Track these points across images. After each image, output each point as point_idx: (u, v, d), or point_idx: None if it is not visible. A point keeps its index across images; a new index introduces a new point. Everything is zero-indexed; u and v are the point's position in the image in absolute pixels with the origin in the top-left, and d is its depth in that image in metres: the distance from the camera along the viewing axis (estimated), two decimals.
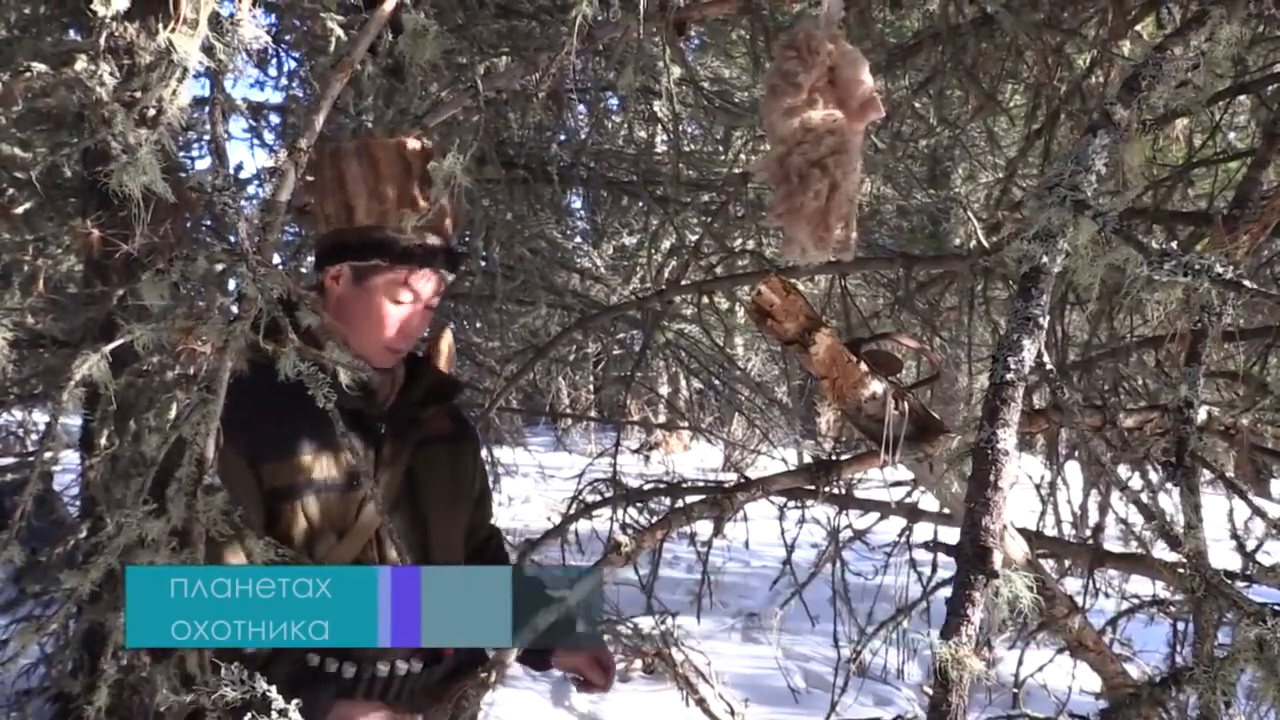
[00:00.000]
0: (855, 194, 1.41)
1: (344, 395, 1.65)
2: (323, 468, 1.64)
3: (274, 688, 0.94)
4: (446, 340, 2.15)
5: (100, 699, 1.08)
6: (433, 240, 1.66)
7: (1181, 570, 1.09)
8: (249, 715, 0.91)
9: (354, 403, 1.66)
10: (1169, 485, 1.23)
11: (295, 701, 0.94)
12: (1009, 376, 0.95)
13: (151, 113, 0.93)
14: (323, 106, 1.19)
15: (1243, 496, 1.66)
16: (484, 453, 2.06)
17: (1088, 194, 0.94)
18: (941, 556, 2.30)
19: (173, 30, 0.87)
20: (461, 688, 1.37)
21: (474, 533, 1.92)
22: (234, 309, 1.15)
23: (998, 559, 0.88)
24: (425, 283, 1.67)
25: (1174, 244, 2.46)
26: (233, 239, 1.05)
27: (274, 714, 0.89)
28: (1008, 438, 0.94)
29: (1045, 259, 0.96)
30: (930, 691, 0.97)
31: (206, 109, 1.16)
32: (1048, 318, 1.02)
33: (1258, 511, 1.48)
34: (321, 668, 1.62)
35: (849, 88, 1.44)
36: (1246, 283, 0.80)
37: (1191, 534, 1.09)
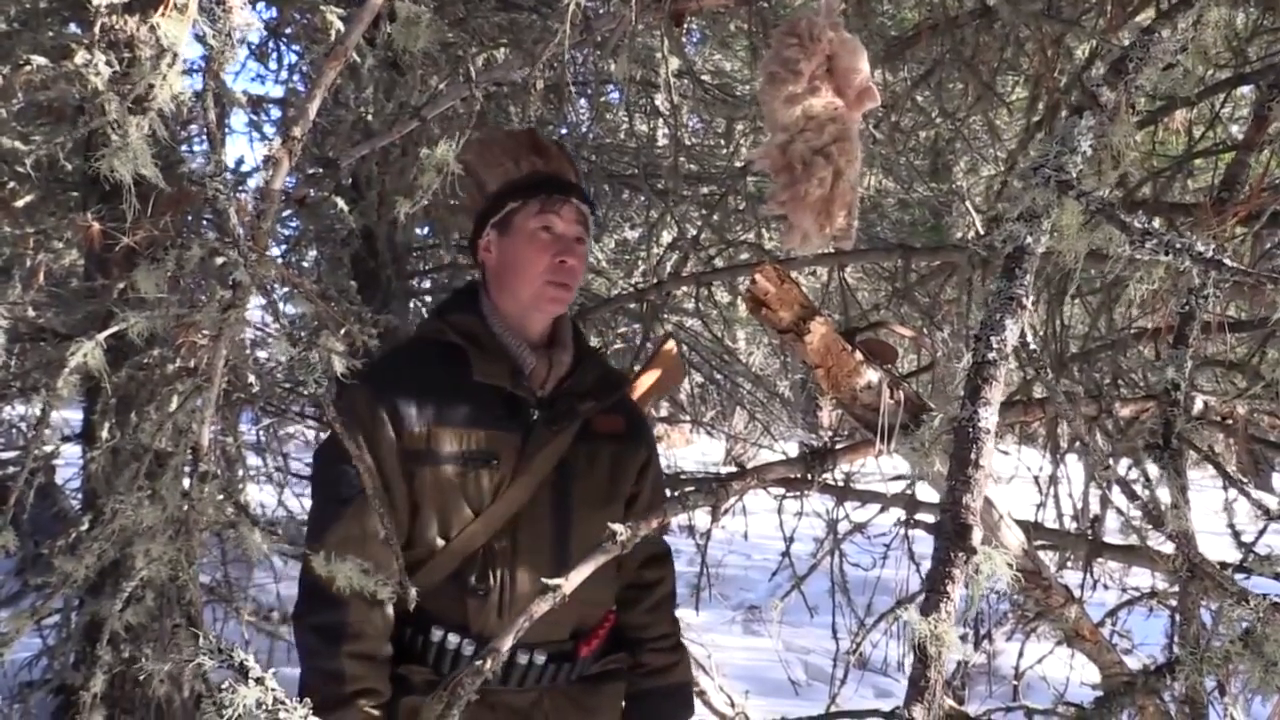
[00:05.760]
0: (857, 182, 1.41)
1: (488, 373, 1.68)
2: (462, 441, 1.65)
3: (251, 656, 0.94)
4: (670, 348, 2.12)
5: (96, 685, 1.09)
6: (557, 171, 1.77)
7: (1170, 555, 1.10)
8: (226, 683, 0.92)
9: (498, 380, 1.68)
10: (1151, 465, 1.23)
11: (271, 670, 0.94)
12: (991, 355, 0.96)
13: (143, 98, 0.94)
14: (316, 95, 1.19)
15: (1226, 476, 1.66)
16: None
17: (1073, 175, 0.94)
18: None
19: (162, 15, 0.87)
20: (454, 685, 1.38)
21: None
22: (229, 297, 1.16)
23: (977, 535, 0.88)
24: (563, 210, 1.73)
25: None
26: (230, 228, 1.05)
27: (250, 682, 0.89)
28: (989, 416, 0.94)
29: (1030, 239, 0.96)
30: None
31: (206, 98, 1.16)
32: (1031, 298, 1.02)
33: (1243, 493, 1.48)
34: (443, 644, 1.64)
35: (846, 76, 1.44)
36: (1227, 261, 0.80)
37: (1176, 514, 1.08)
